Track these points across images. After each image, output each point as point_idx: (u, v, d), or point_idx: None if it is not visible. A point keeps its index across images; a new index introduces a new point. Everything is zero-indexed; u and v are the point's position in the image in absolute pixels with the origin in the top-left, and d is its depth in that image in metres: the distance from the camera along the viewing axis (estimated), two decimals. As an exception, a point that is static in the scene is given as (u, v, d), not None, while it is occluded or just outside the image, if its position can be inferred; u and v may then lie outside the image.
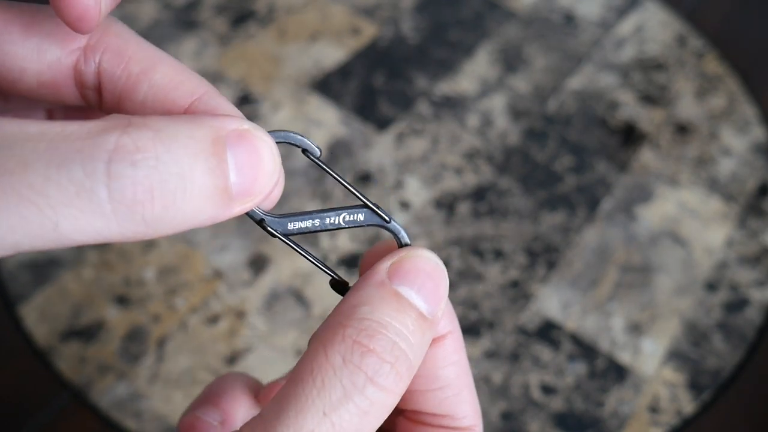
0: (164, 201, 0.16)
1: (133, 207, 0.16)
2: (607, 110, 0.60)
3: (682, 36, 0.66)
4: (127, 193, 0.15)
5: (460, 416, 0.22)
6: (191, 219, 0.17)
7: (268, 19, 0.64)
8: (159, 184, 0.16)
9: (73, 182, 0.15)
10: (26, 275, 0.47)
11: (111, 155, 0.15)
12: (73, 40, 0.20)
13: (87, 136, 0.16)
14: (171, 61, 0.20)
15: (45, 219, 0.15)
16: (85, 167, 0.15)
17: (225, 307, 0.47)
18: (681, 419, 0.44)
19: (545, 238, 0.51)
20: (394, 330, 0.18)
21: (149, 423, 0.42)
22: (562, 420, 0.44)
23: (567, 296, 0.49)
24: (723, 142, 0.58)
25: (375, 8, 0.65)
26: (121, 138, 0.16)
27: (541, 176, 0.55)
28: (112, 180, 0.15)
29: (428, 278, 0.20)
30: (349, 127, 0.57)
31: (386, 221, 0.21)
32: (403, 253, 0.20)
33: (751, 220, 0.53)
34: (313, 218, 0.21)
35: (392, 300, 0.19)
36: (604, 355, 0.46)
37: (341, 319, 0.18)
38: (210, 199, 0.17)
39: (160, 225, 0.16)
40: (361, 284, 0.19)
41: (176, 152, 0.16)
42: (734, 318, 0.48)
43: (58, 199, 0.15)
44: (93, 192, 0.15)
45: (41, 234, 0.15)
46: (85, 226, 0.15)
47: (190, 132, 0.17)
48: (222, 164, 0.17)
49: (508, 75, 0.61)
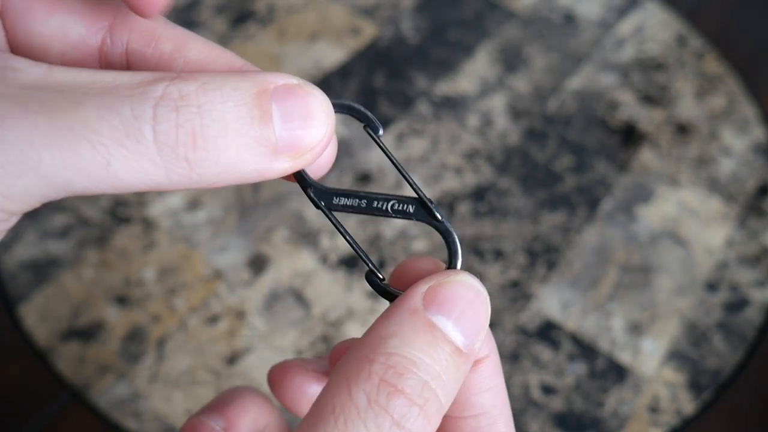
0: (205, 144, 0.17)
1: (175, 148, 0.16)
2: (607, 110, 0.60)
3: (682, 36, 0.66)
4: (170, 134, 0.16)
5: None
6: (234, 167, 0.17)
7: (268, 19, 0.64)
8: (200, 128, 0.16)
9: (123, 123, 0.16)
10: (26, 275, 0.47)
11: (157, 101, 0.16)
12: (98, 19, 0.20)
13: (137, 84, 0.17)
14: (201, 39, 0.21)
15: (98, 156, 0.16)
16: (134, 109, 0.16)
17: (225, 307, 0.47)
18: (681, 419, 0.44)
19: (545, 238, 0.51)
20: (425, 368, 0.17)
21: (149, 423, 0.42)
22: (562, 420, 0.44)
23: (567, 296, 0.49)
24: (723, 142, 0.58)
25: (375, 8, 0.65)
26: (168, 87, 0.17)
27: (541, 176, 0.55)
28: (157, 122, 0.16)
29: (468, 307, 0.18)
30: (349, 127, 0.57)
31: (438, 220, 0.20)
32: (441, 277, 0.18)
33: (751, 220, 0.53)
34: (361, 198, 0.20)
35: (425, 332, 0.17)
36: (604, 355, 0.46)
37: (368, 351, 0.17)
38: (253, 150, 0.17)
39: (202, 169, 0.17)
40: (393, 310, 0.18)
41: (218, 101, 0.17)
42: (734, 318, 0.48)
43: (109, 138, 0.16)
44: (141, 133, 0.16)
45: (94, 172, 0.16)
46: (134, 166, 0.16)
47: (235, 84, 0.17)
48: (266, 115, 0.17)
49: (508, 75, 0.61)
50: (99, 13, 0.20)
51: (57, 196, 0.16)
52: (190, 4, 0.64)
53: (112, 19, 0.20)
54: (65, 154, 0.16)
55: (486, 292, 0.19)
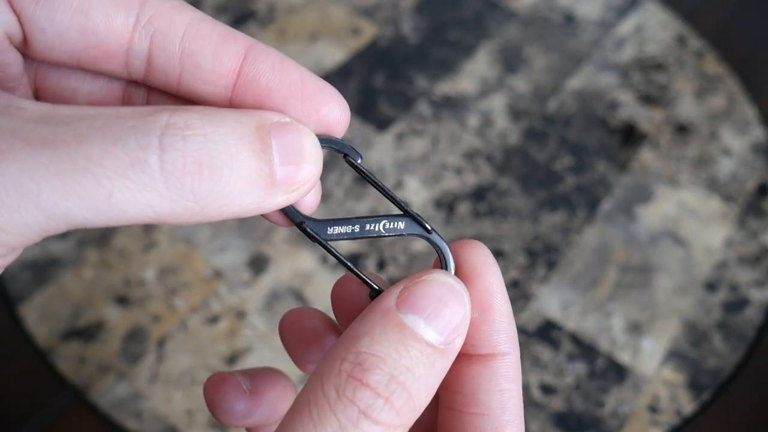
0: (212, 175, 0.17)
1: (182, 178, 0.16)
2: (607, 110, 0.60)
3: (682, 36, 0.66)
4: (177, 164, 0.16)
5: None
6: (237, 200, 0.17)
7: (268, 19, 0.64)
8: (207, 159, 0.17)
9: (128, 154, 0.16)
10: (26, 275, 0.47)
11: (163, 130, 0.16)
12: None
13: (140, 115, 0.17)
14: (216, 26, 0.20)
15: (100, 188, 0.16)
16: (139, 140, 0.16)
17: (225, 307, 0.47)
18: (681, 419, 0.44)
19: (545, 238, 0.51)
20: (392, 363, 0.17)
21: (149, 423, 0.42)
22: (562, 420, 0.44)
23: (567, 296, 0.49)
24: (723, 142, 0.58)
25: (375, 8, 0.65)
26: (172, 117, 0.17)
27: (541, 176, 0.55)
28: (164, 152, 0.16)
29: (442, 305, 0.18)
30: (349, 128, 0.57)
31: (428, 231, 0.21)
32: (417, 277, 0.19)
33: (751, 220, 0.53)
34: (353, 224, 0.20)
35: (395, 331, 0.18)
36: (604, 355, 0.46)
37: (341, 350, 0.18)
38: (255, 182, 0.17)
39: (207, 200, 0.17)
40: (367, 311, 0.19)
41: (223, 133, 0.17)
42: (734, 318, 0.49)
43: (113, 170, 0.16)
44: (146, 163, 0.16)
45: (95, 203, 0.16)
46: (138, 197, 0.16)
47: (236, 117, 0.17)
48: (267, 149, 0.17)
49: (508, 75, 0.61)
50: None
51: (58, 229, 0.16)
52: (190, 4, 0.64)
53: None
54: (67, 187, 0.16)
55: (463, 289, 0.19)
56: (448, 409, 0.20)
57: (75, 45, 0.19)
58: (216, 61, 0.19)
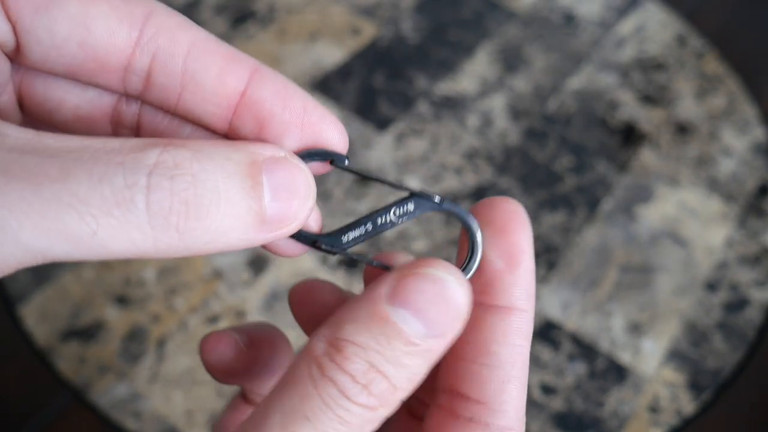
0: (198, 213, 0.16)
1: (168, 217, 0.16)
2: (607, 110, 0.60)
3: (682, 36, 0.66)
4: (164, 203, 0.16)
5: (498, 408, 0.19)
6: (223, 237, 0.17)
7: (268, 19, 0.64)
8: (194, 197, 0.16)
9: (114, 192, 0.16)
10: (26, 275, 0.47)
11: (152, 169, 0.16)
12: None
13: (129, 151, 0.16)
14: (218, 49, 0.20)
15: (84, 225, 0.16)
16: (126, 178, 0.16)
17: (225, 307, 0.47)
18: (681, 419, 0.44)
19: (545, 238, 0.51)
20: (372, 354, 0.18)
21: (149, 423, 0.42)
22: (562, 420, 0.44)
23: (567, 296, 0.49)
24: (723, 142, 0.58)
25: (375, 8, 0.65)
26: (162, 155, 0.16)
27: (541, 176, 0.55)
28: (151, 191, 0.16)
29: (432, 303, 0.18)
30: (349, 127, 0.57)
31: (438, 204, 0.20)
32: (410, 269, 0.18)
33: (751, 220, 0.53)
34: (365, 223, 0.20)
35: (379, 323, 0.18)
36: (604, 355, 0.46)
37: (326, 331, 0.18)
38: (243, 219, 0.17)
39: (192, 238, 0.17)
40: (360, 296, 0.19)
41: (212, 171, 0.17)
42: (734, 318, 0.48)
43: (98, 208, 0.16)
44: (132, 202, 0.16)
45: (78, 240, 0.16)
46: (122, 235, 0.16)
47: (227, 154, 0.17)
48: (257, 186, 0.17)
49: (508, 75, 0.61)
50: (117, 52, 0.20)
51: (34, 262, 0.16)
52: (190, 4, 0.64)
53: None
54: (49, 224, 0.15)
55: (455, 281, 0.18)
56: (457, 358, 0.20)
57: (73, 58, 0.18)
58: (220, 83, 0.19)
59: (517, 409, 0.20)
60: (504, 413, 0.19)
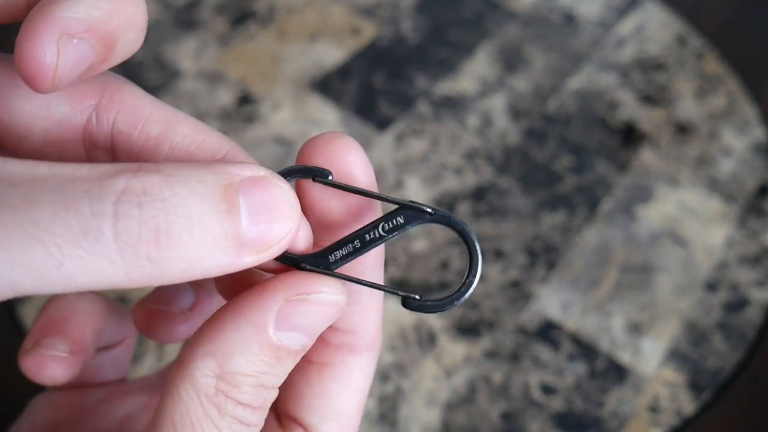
0: (169, 242, 0.16)
1: (137, 246, 0.15)
2: (607, 110, 0.60)
3: (682, 36, 0.66)
4: (132, 232, 0.15)
5: (362, 333, 0.22)
6: (198, 264, 0.16)
7: (268, 19, 0.64)
8: (165, 225, 0.16)
9: (80, 221, 0.15)
10: (26, 275, 0.47)
11: (119, 196, 0.15)
12: (85, 98, 0.19)
13: (97, 178, 0.15)
14: (189, 120, 0.20)
15: (50, 257, 0.15)
16: (92, 207, 0.15)
17: (225, 307, 0.47)
18: (681, 419, 0.44)
19: (545, 238, 0.51)
20: (264, 378, 0.18)
21: (149, 423, 0.42)
22: (562, 420, 0.44)
23: (567, 296, 0.49)
24: (723, 142, 0.58)
25: (375, 8, 0.65)
26: (130, 181, 0.15)
27: (541, 176, 0.55)
28: (118, 220, 0.15)
29: (315, 321, 0.19)
30: (349, 127, 0.57)
31: (431, 215, 0.19)
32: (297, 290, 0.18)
33: (751, 220, 0.53)
34: (352, 241, 0.19)
35: (271, 350, 0.18)
36: (604, 355, 0.46)
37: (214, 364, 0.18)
38: (219, 245, 0.16)
39: (165, 267, 0.16)
40: (240, 318, 0.18)
41: (184, 196, 0.16)
42: (734, 318, 0.49)
43: (64, 238, 0.15)
44: (99, 231, 0.15)
45: (44, 273, 0.15)
46: (90, 266, 0.15)
47: (200, 177, 0.16)
48: (233, 209, 0.16)
49: (508, 75, 0.61)
50: (86, 92, 0.19)
51: (2, 297, 0.15)
52: (190, 4, 0.64)
53: (98, 98, 0.19)
54: (13, 256, 0.15)
55: (340, 300, 0.19)
56: None
57: None
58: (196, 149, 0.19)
59: (378, 329, 0.22)
60: (366, 334, 0.22)
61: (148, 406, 0.27)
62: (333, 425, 0.22)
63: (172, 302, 0.23)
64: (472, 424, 0.43)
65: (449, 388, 0.45)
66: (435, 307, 0.20)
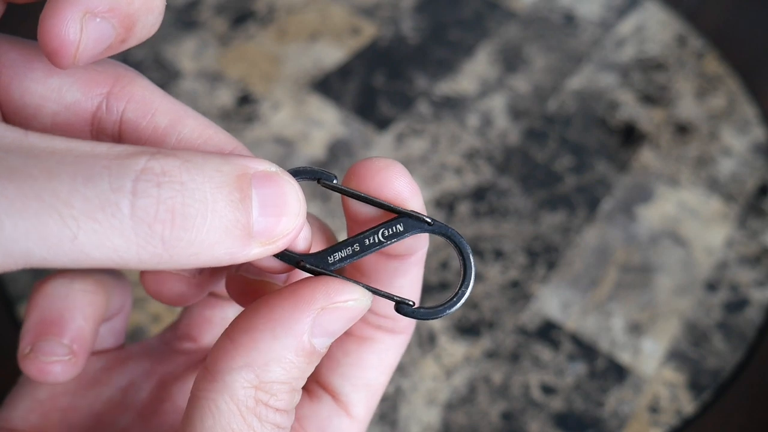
0: (184, 224, 0.16)
1: (153, 225, 0.16)
2: (607, 110, 0.60)
3: (682, 36, 0.66)
4: (149, 210, 0.16)
5: (400, 319, 0.23)
6: (208, 250, 0.17)
7: (268, 19, 0.64)
8: (181, 206, 0.16)
9: (98, 195, 0.15)
10: (26, 275, 0.47)
11: (138, 175, 0.16)
12: (97, 86, 0.20)
13: (116, 156, 0.16)
14: (197, 116, 0.20)
15: (65, 228, 0.15)
16: (112, 182, 0.15)
17: (225, 307, 0.47)
18: (681, 419, 0.44)
19: (545, 238, 0.51)
20: (296, 382, 0.19)
21: (149, 423, 0.42)
22: (562, 420, 0.44)
23: (567, 296, 0.49)
24: (723, 142, 0.58)
25: (375, 8, 0.65)
26: (149, 162, 0.16)
27: (541, 176, 0.55)
28: (136, 197, 0.15)
29: (345, 325, 0.19)
30: (349, 127, 0.57)
31: (429, 224, 0.20)
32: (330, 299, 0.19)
33: (751, 220, 0.53)
34: (352, 244, 0.20)
35: (306, 355, 0.19)
36: (604, 355, 0.46)
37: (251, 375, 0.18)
38: (229, 233, 0.17)
39: (176, 249, 0.16)
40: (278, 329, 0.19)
41: (200, 181, 0.16)
42: (734, 318, 0.49)
43: (81, 210, 0.15)
44: (117, 207, 0.15)
45: (58, 244, 0.15)
46: (104, 241, 0.15)
47: (217, 166, 0.17)
48: (245, 200, 0.17)
49: (508, 75, 0.61)
50: (98, 80, 0.20)
51: (13, 266, 0.15)
52: (190, 4, 0.64)
53: (110, 87, 0.20)
54: (30, 223, 0.15)
55: (365, 303, 0.20)
56: None
57: None
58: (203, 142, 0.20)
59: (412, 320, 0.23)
60: (403, 321, 0.23)
61: (150, 373, 0.27)
62: (362, 395, 0.23)
63: None
64: (472, 424, 0.43)
65: (449, 388, 0.45)
66: (427, 314, 0.20)
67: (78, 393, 0.26)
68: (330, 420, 0.23)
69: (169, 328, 0.29)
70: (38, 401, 0.25)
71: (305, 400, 0.23)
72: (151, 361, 0.27)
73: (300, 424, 0.23)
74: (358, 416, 0.23)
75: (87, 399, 0.26)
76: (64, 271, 0.23)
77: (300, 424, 0.23)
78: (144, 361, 0.27)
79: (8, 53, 0.19)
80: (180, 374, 0.27)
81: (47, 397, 0.25)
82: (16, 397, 0.25)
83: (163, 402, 0.26)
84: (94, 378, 0.26)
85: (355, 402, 0.23)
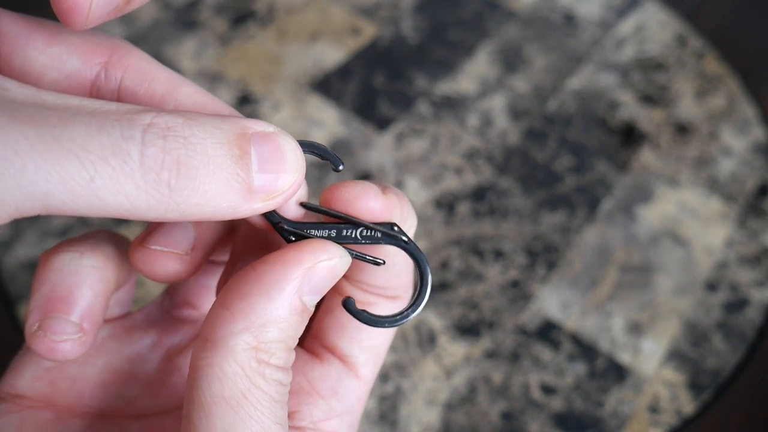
0: (188, 173, 0.17)
1: (160, 173, 0.17)
2: (607, 110, 0.60)
3: (682, 36, 0.66)
4: (157, 158, 0.17)
5: (396, 288, 0.24)
6: (212, 201, 0.18)
7: (268, 19, 0.64)
8: (185, 157, 0.17)
9: (111, 142, 0.16)
10: (26, 275, 0.47)
11: (146, 128, 0.17)
12: (96, 55, 0.21)
13: (125, 112, 0.17)
14: (193, 85, 0.21)
15: (83, 171, 0.16)
16: (123, 132, 0.17)
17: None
18: (681, 419, 0.44)
19: (545, 238, 0.51)
20: (292, 341, 0.20)
21: (149, 423, 0.42)
22: (562, 420, 0.44)
23: (567, 296, 0.49)
24: (723, 142, 0.58)
25: (375, 8, 0.65)
26: (155, 118, 0.17)
27: (541, 176, 0.55)
28: (145, 146, 0.17)
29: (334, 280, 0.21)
30: (349, 127, 0.57)
31: (405, 242, 0.21)
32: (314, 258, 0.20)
33: (751, 220, 0.53)
34: (330, 229, 0.21)
35: (299, 313, 0.20)
36: (604, 355, 0.46)
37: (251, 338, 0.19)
38: (231, 186, 0.18)
39: (182, 197, 0.17)
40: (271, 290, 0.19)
41: (202, 137, 0.18)
42: (734, 318, 0.49)
43: (97, 154, 0.16)
44: (128, 153, 0.17)
45: (76, 186, 0.16)
46: (116, 185, 0.17)
47: (217, 124, 0.18)
48: (245, 156, 0.18)
49: (508, 75, 0.61)
50: (97, 50, 0.21)
51: (32, 211, 0.16)
52: (190, 4, 0.64)
53: (108, 57, 0.21)
54: (50, 165, 0.16)
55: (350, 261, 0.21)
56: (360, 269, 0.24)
57: None
58: None
59: (410, 283, 0.25)
60: (399, 288, 0.24)
61: (157, 344, 0.27)
62: (369, 357, 0.25)
63: (174, 243, 0.23)
64: (472, 424, 0.43)
65: (449, 388, 0.45)
66: (372, 320, 0.22)
67: (86, 362, 0.26)
68: (340, 381, 0.24)
69: (166, 294, 0.29)
70: (45, 369, 0.25)
71: (316, 364, 0.25)
72: (157, 331, 0.27)
73: (312, 386, 0.24)
74: (365, 377, 0.25)
75: (95, 368, 0.26)
76: (71, 243, 0.23)
77: (312, 386, 0.24)
78: (150, 330, 0.27)
79: (9, 25, 0.20)
80: (186, 346, 0.27)
81: (54, 365, 0.26)
82: (21, 364, 0.25)
83: (171, 374, 0.27)
84: (101, 346, 0.26)
85: (361, 363, 0.25)
